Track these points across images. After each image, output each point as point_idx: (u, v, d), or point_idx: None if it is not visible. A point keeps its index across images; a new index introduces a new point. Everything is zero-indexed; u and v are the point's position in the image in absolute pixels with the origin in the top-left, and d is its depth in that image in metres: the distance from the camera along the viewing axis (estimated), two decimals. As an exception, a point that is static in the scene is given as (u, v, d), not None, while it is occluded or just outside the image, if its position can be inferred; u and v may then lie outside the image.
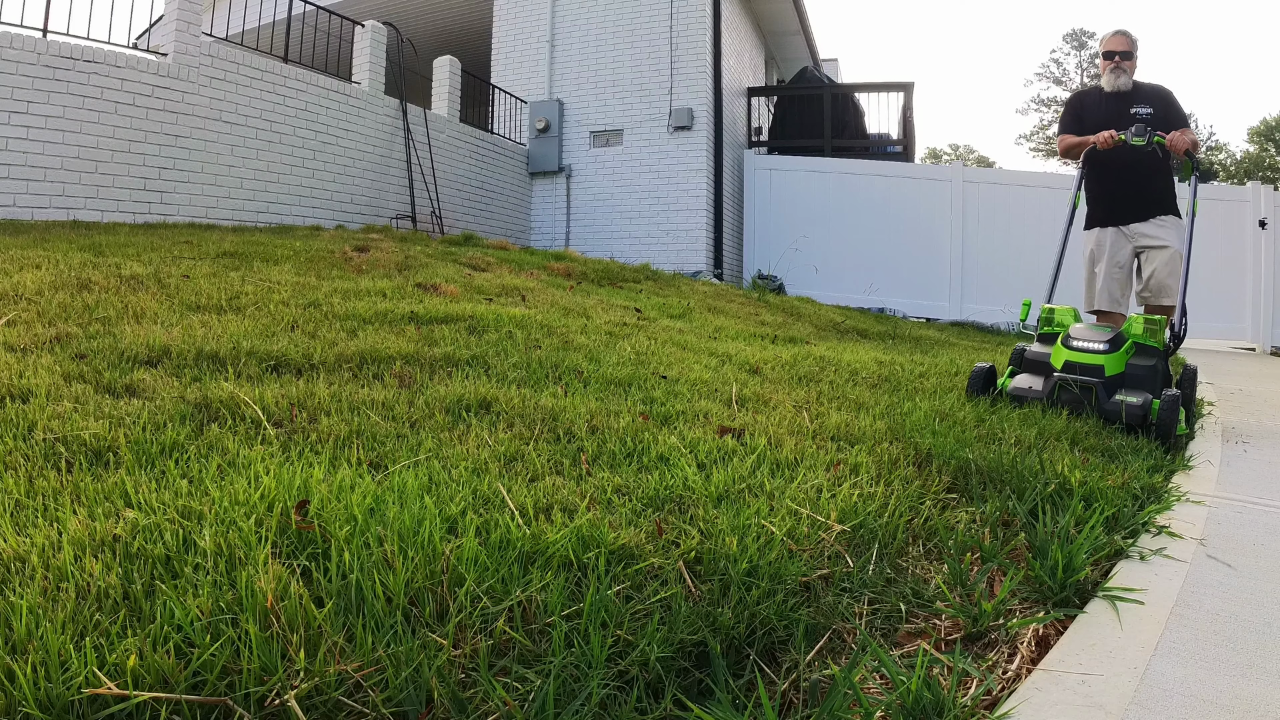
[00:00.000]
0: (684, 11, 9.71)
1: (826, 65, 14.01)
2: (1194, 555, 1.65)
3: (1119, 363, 2.86)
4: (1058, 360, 2.93)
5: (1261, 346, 8.63)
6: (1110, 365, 2.83)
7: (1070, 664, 1.15)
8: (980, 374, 3.10)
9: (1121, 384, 2.84)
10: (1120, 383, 2.84)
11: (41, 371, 1.96)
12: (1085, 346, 2.88)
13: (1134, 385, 2.84)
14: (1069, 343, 2.93)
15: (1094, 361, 2.84)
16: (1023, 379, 3.04)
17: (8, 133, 5.22)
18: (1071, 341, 2.94)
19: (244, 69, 6.74)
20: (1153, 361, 2.90)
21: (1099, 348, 2.86)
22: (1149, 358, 2.92)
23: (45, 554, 1.05)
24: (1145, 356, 2.93)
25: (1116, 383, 2.84)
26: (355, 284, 3.81)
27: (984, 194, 9.58)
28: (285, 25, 7.62)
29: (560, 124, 10.31)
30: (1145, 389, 2.80)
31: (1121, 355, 2.87)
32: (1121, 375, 2.85)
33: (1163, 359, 2.99)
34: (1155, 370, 2.87)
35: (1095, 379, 2.79)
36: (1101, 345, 2.86)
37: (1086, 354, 2.87)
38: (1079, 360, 2.86)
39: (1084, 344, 2.89)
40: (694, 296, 5.85)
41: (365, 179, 7.94)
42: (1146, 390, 2.79)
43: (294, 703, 0.83)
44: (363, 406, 1.96)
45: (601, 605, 1.05)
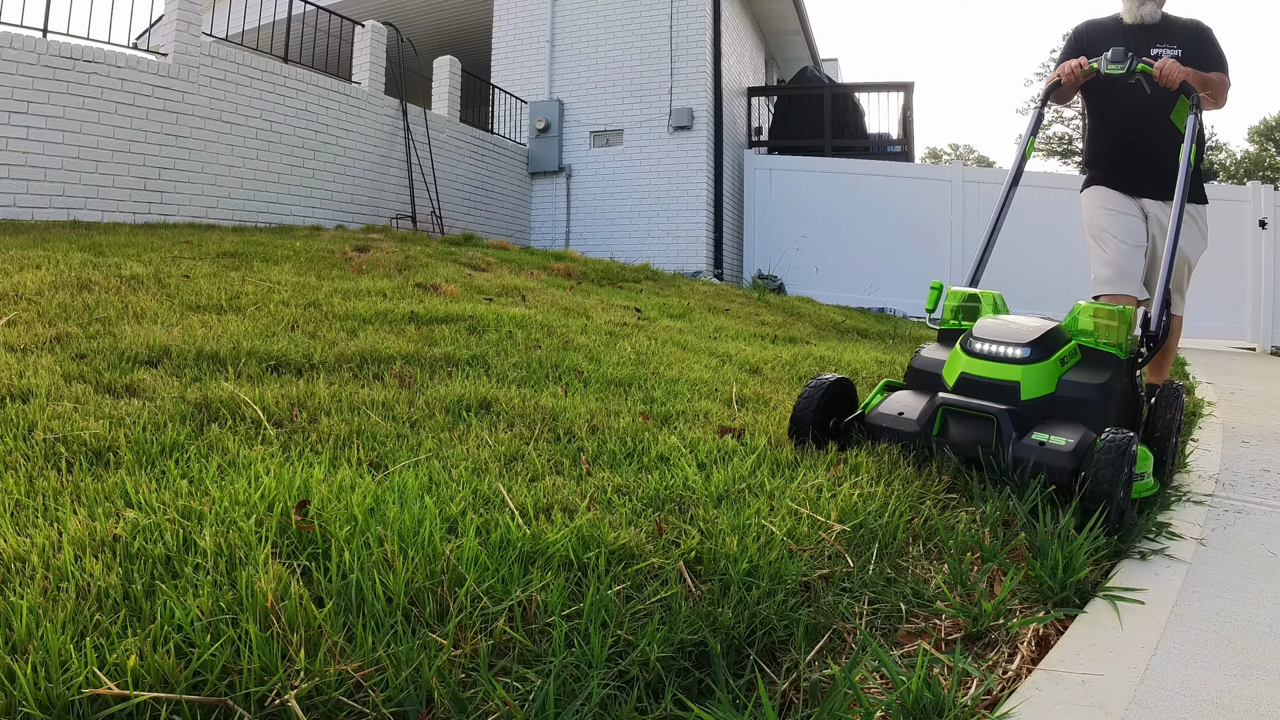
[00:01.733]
0: (684, 11, 9.71)
1: (826, 65, 14.01)
2: (1194, 555, 1.65)
3: (1045, 378, 1.90)
4: (951, 373, 1.98)
5: (1261, 346, 8.63)
6: (1030, 382, 1.87)
7: (1070, 664, 1.15)
8: (815, 397, 2.04)
9: (1050, 413, 1.88)
10: (1047, 411, 1.88)
11: (42, 371, 1.95)
12: (992, 351, 1.93)
13: (1071, 415, 1.86)
14: (969, 345, 1.98)
15: (1003, 376, 1.88)
16: (894, 402, 2.04)
17: (8, 133, 5.22)
18: (973, 344, 1.97)
19: (244, 69, 6.74)
20: (1105, 377, 1.93)
21: (1014, 353, 1.91)
22: (1100, 370, 1.96)
23: (45, 554, 1.05)
24: (1094, 369, 1.97)
25: (1040, 411, 1.87)
26: (355, 284, 3.81)
27: (984, 194, 9.58)
28: (285, 25, 7.62)
29: (560, 124, 10.31)
30: (1087, 423, 1.84)
31: (1050, 367, 1.91)
32: (1049, 399, 1.89)
33: (1125, 373, 2.02)
34: (1108, 392, 1.91)
35: (999, 405, 1.84)
36: (1018, 350, 1.90)
37: (993, 364, 1.91)
38: (980, 374, 1.91)
39: (991, 347, 1.94)
40: (694, 296, 5.85)
41: (365, 179, 7.94)
42: (1089, 424, 1.83)
43: (294, 703, 0.83)
44: (363, 406, 1.96)
45: (602, 605, 1.05)
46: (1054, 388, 1.91)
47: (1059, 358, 1.94)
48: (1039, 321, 2.04)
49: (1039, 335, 1.94)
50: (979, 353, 1.96)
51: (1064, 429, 1.82)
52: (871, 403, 2.12)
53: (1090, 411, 1.87)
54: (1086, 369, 1.97)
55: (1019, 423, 1.84)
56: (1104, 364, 2.00)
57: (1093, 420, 1.85)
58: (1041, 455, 1.77)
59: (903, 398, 2.07)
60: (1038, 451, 1.78)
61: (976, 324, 2.06)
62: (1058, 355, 1.94)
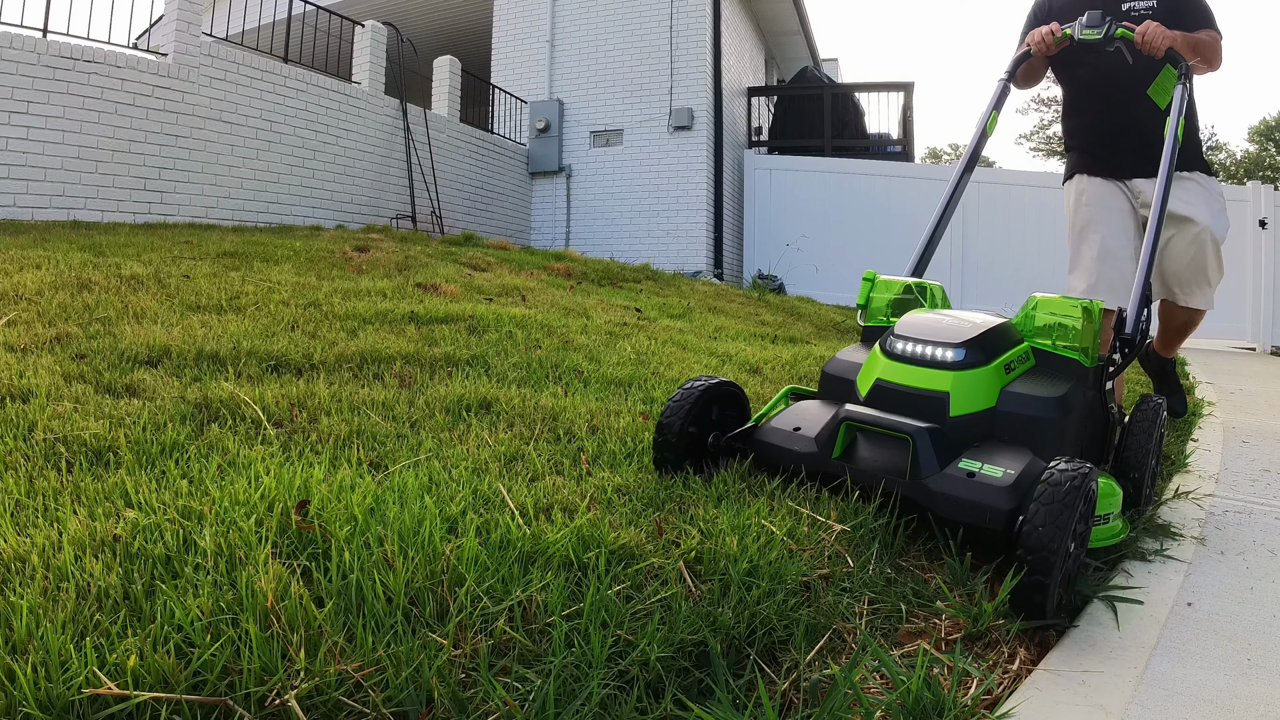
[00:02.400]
0: (684, 11, 9.71)
1: (826, 65, 14.01)
2: (1194, 555, 1.65)
3: (983, 389, 1.52)
4: (865, 380, 1.62)
5: (1261, 346, 8.63)
6: (963, 393, 1.50)
7: (1071, 664, 1.15)
8: (684, 408, 1.62)
9: (989, 433, 1.50)
10: (984, 430, 1.50)
11: (41, 371, 1.96)
12: (916, 353, 1.56)
13: (1016, 438, 1.48)
14: (889, 345, 1.62)
15: (927, 385, 1.52)
16: (794, 414, 1.67)
17: (8, 133, 5.22)
18: (893, 343, 1.61)
19: (244, 69, 6.74)
20: (1063, 389, 1.54)
21: (943, 355, 1.53)
22: (1057, 380, 1.58)
23: (45, 554, 1.05)
24: (1050, 378, 1.59)
25: (975, 431, 1.49)
26: (355, 284, 3.81)
27: (984, 194, 9.58)
28: (285, 25, 7.62)
29: (560, 124, 10.31)
30: (1036, 447, 1.46)
31: (990, 374, 1.53)
32: (988, 416, 1.51)
33: (1090, 384, 1.64)
34: (1065, 407, 1.51)
35: (918, 422, 1.46)
36: (949, 351, 1.53)
37: (916, 369, 1.54)
38: (899, 381, 1.55)
39: (915, 347, 1.57)
40: (694, 296, 5.85)
41: (365, 179, 7.95)
42: (1039, 450, 1.45)
43: (294, 703, 0.83)
44: (363, 406, 1.96)
45: (602, 605, 1.05)
46: (995, 401, 1.51)
47: (1003, 363, 1.56)
48: (983, 317, 1.65)
49: (977, 334, 1.55)
50: (900, 354, 1.57)
51: (1004, 455, 1.42)
52: (766, 414, 1.73)
53: (1041, 433, 1.47)
54: (1039, 378, 1.58)
55: (944, 446, 1.43)
56: (1063, 372, 1.61)
57: (1044, 444, 1.46)
58: (969, 491, 1.35)
59: (807, 409, 1.67)
60: (964, 486, 1.36)
61: (901, 319, 1.67)
62: (1002, 360, 1.55)
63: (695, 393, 1.65)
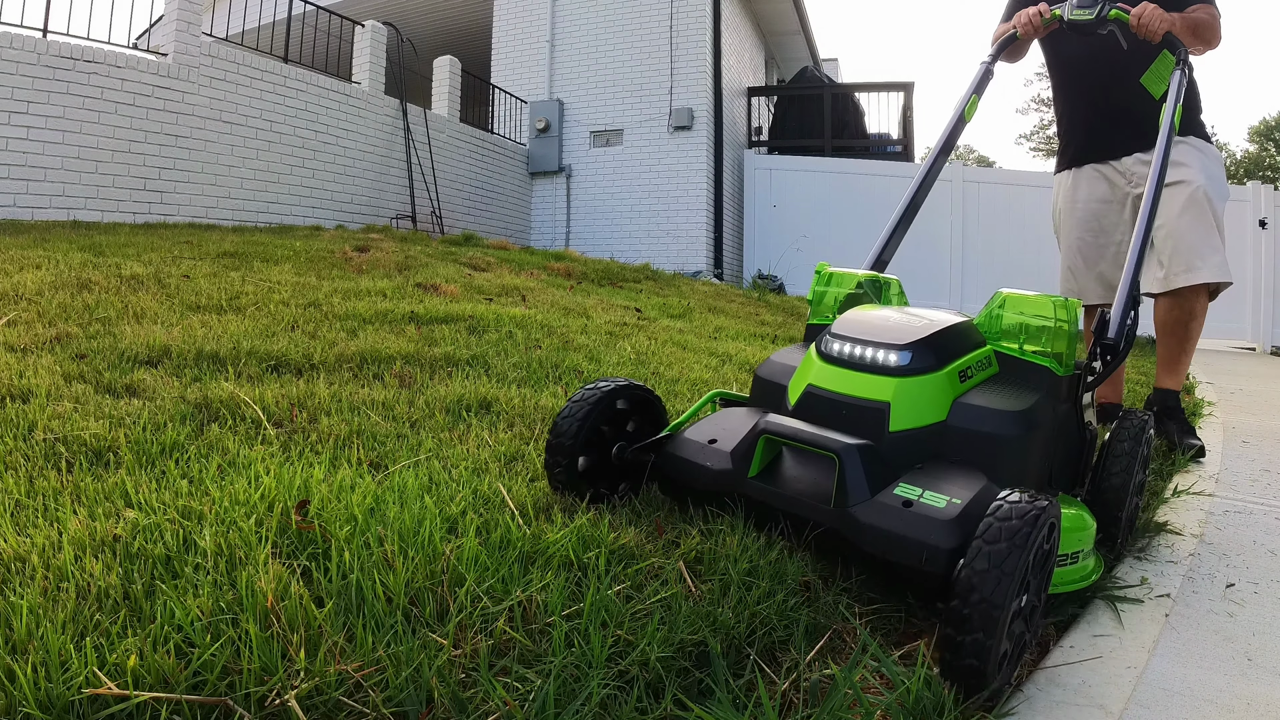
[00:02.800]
0: (684, 11, 9.71)
1: (826, 65, 14.02)
2: (1194, 555, 1.65)
3: (931, 399, 1.30)
4: (797, 386, 1.41)
5: (1262, 346, 8.64)
6: (906, 403, 1.29)
7: (1070, 664, 1.15)
8: (580, 414, 1.41)
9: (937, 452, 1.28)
10: (931, 449, 1.29)
11: (41, 371, 1.96)
12: (854, 356, 1.35)
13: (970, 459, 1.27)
14: (825, 346, 1.41)
15: (864, 393, 1.31)
16: (714, 424, 1.44)
17: (8, 133, 5.22)
18: (829, 344, 1.40)
19: (244, 69, 6.75)
20: (1028, 402, 1.32)
21: (885, 359, 1.32)
22: (1022, 391, 1.36)
23: (45, 554, 1.05)
24: (1014, 389, 1.37)
25: (920, 450, 1.28)
26: (355, 284, 3.82)
27: (984, 194, 9.59)
28: (285, 25, 7.63)
29: (560, 124, 10.31)
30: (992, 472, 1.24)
31: (940, 383, 1.31)
32: (937, 432, 1.29)
33: (1063, 396, 1.42)
34: (1030, 423, 1.30)
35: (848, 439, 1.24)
36: (892, 354, 1.32)
37: (853, 374, 1.34)
38: (832, 388, 1.34)
39: (853, 349, 1.36)
40: (694, 296, 5.86)
41: (365, 179, 7.95)
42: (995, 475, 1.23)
43: (294, 703, 0.83)
44: (363, 406, 1.96)
45: (602, 605, 1.05)
46: (945, 414, 1.29)
47: (957, 369, 1.33)
48: (940, 315, 1.44)
49: (927, 334, 1.34)
50: (835, 357, 1.36)
51: (952, 480, 1.20)
52: (683, 422, 1.52)
53: (999, 453, 1.26)
54: (1001, 388, 1.36)
55: (878, 467, 1.21)
56: (1031, 382, 1.38)
57: (1003, 467, 1.25)
58: (903, 524, 1.12)
59: (730, 418, 1.44)
60: (898, 517, 1.13)
61: (841, 316, 1.47)
62: (956, 365, 1.33)
63: (595, 396, 1.42)
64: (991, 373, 1.43)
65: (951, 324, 1.41)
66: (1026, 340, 1.44)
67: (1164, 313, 2.50)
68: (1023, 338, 1.44)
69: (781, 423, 1.32)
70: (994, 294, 1.51)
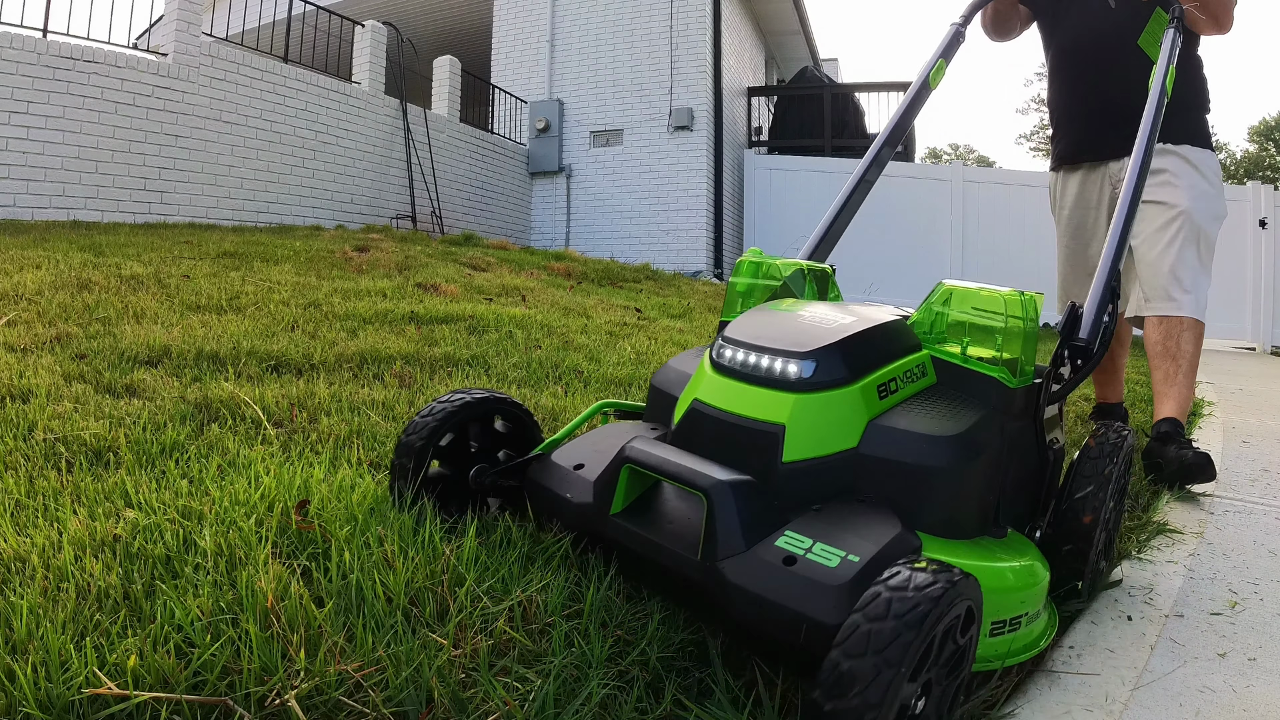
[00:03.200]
0: (684, 11, 9.72)
1: (826, 65, 14.02)
2: (1194, 554, 1.65)
3: (839, 421, 1.06)
4: (685, 402, 1.17)
5: (1262, 346, 8.64)
6: (805, 427, 1.05)
7: (1071, 664, 1.15)
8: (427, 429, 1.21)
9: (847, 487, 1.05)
10: (838, 484, 1.04)
11: (41, 371, 1.96)
12: (747, 365, 1.11)
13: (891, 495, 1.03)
14: (718, 354, 1.16)
15: (755, 412, 1.07)
16: (583, 445, 1.24)
17: (8, 133, 5.22)
18: (722, 351, 1.16)
19: (244, 69, 6.75)
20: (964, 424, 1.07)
21: (784, 369, 1.08)
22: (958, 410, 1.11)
23: (45, 554, 1.05)
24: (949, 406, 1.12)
25: (819, 486, 1.04)
26: (355, 284, 3.82)
27: (984, 194, 9.59)
28: (285, 25, 7.63)
29: (560, 124, 10.31)
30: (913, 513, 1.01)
31: (851, 400, 1.07)
32: (845, 462, 1.05)
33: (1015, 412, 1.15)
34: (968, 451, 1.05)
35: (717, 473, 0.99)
36: (792, 364, 1.08)
37: (745, 387, 1.10)
38: (719, 405, 1.10)
39: (749, 356, 1.12)
40: (694, 296, 5.86)
41: (365, 179, 7.95)
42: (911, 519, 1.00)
43: (294, 703, 0.83)
44: (363, 406, 1.96)
45: (602, 605, 1.05)
46: (857, 440, 1.05)
47: (876, 382, 1.09)
48: (869, 313, 1.21)
49: (839, 339, 1.09)
50: (727, 366, 1.12)
51: (855, 527, 0.96)
52: (559, 439, 1.30)
53: (924, 490, 1.01)
54: (935, 405, 1.10)
55: (761, 510, 0.97)
56: (974, 396, 1.14)
57: (927, 507, 1.01)
58: (780, 587, 0.89)
59: (610, 436, 1.23)
60: (775, 578, 0.90)
61: (740, 316, 1.24)
62: (874, 378, 1.09)
63: (450, 409, 1.22)
64: (925, 384, 1.17)
65: (874, 325, 1.15)
66: (972, 343, 1.17)
67: (1153, 330, 2.22)
68: (966, 340, 1.18)
69: (646, 450, 1.05)
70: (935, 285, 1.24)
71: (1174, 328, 2.14)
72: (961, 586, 0.79)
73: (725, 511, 0.96)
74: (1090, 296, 1.38)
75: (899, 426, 1.06)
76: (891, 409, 1.10)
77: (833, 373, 1.08)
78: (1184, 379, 2.13)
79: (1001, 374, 1.14)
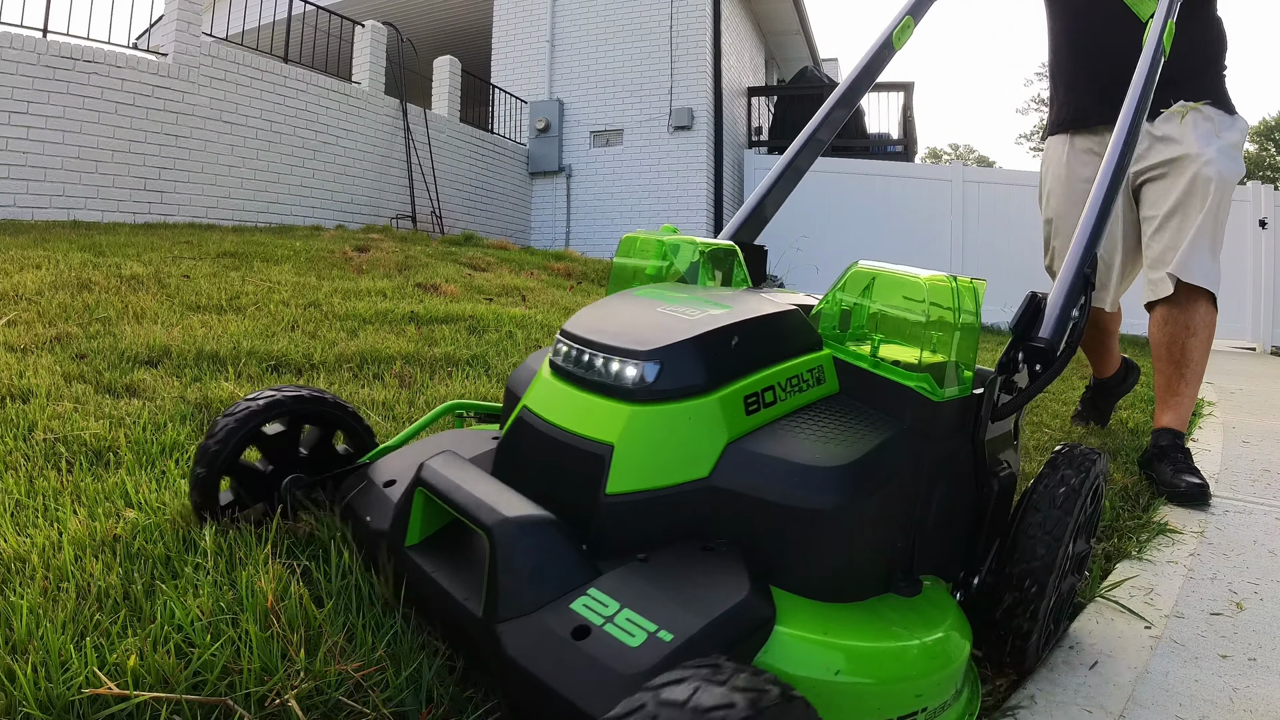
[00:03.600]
0: (684, 11, 9.72)
1: (826, 65, 14.02)
2: (1194, 555, 1.65)
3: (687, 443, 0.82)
4: (516, 411, 0.94)
5: (1262, 346, 8.64)
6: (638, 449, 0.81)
7: (1070, 664, 1.15)
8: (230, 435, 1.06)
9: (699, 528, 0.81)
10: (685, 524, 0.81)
11: (41, 371, 1.96)
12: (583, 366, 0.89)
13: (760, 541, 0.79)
14: (555, 353, 0.95)
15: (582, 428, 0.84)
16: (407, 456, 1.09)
17: (8, 133, 5.22)
18: (559, 348, 0.94)
19: (244, 69, 6.75)
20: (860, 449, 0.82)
21: (619, 374, 0.85)
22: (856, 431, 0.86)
23: (45, 554, 1.05)
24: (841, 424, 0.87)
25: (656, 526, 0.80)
26: (355, 284, 3.82)
27: (984, 194, 9.59)
28: (285, 25, 7.63)
29: (560, 124, 10.31)
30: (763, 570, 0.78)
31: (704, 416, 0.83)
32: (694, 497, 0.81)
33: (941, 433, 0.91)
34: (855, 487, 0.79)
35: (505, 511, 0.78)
36: (630, 367, 0.84)
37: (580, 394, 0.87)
38: (547, 418, 0.89)
39: (585, 355, 0.89)
40: (694, 296, 5.84)
41: (365, 179, 7.95)
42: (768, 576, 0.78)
43: (294, 703, 0.83)
44: (363, 406, 1.96)
45: (601, 605, 1.05)
46: (710, 468, 0.82)
47: (744, 390, 0.86)
48: (756, 302, 0.99)
49: (696, 334, 0.86)
50: (563, 367, 0.91)
51: (682, 589, 0.74)
52: (392, 445, 1.17)
53: (797, 538, 0.79)
54: (822, 424, 0.87)
55: (562, 558, 0.77)
56: (884, 412, 0.90)
57: (800, 560, 0.79)
58: (558, 669, 0.69)
59: (445, 443, 1.08)
60: (552, 656, 0.70)
61: (589, 306, 1.01)
62: (741, 385, 0.86)
63: (256, 408, 1.07)
64: (817, 395, 0.92)
65: (752, 318, 0.90)
66: (886, 340, 0.94)
67: (1157, 329, 2.07)
68: (877, 339, 0.94)
69: (438, 472, 0.87)
70: (848, 267, 1.00)
71: (1183, 316, 2.01)
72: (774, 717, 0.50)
73: (509, 558, 0.75)
74: (1057, 285, 1.14)
75: (766, 452, 0.81)
76: (762, 428, 0.85)
77: (681, 377, 0.83)
78: (1188, 388, 2.04)
79: (922, 384, 0.89)
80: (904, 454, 0.86)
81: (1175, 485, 1.95)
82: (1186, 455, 2.06)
